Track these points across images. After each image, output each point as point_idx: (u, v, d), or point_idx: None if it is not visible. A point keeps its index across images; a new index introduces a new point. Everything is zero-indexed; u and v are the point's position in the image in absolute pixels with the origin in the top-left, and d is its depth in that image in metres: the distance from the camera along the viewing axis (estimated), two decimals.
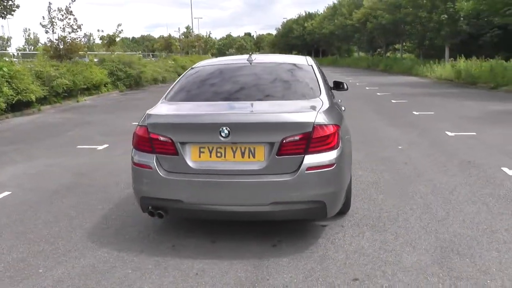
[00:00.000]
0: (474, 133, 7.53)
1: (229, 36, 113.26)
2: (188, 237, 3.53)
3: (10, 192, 4.89)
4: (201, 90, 3.69)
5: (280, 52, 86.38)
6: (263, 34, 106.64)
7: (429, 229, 3.61)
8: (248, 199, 3.04)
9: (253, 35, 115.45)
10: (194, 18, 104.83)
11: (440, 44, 27.84)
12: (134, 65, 19.37)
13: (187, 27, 43.06)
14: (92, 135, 8.43)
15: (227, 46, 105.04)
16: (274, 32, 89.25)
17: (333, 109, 3.39)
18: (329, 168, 3.05)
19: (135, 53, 29.83)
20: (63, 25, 16.66)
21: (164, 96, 3.82)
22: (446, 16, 23.92)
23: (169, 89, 3.91)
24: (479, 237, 3.45)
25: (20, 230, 3.83)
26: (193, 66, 4.25)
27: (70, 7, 16.91)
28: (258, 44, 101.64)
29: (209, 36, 52.69)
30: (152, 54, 31.01)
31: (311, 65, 4.05)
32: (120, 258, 3.22)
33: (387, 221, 3.79)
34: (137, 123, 3.40)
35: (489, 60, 17.81)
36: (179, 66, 29.16)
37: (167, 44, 32.28)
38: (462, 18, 24.01)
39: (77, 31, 17.13)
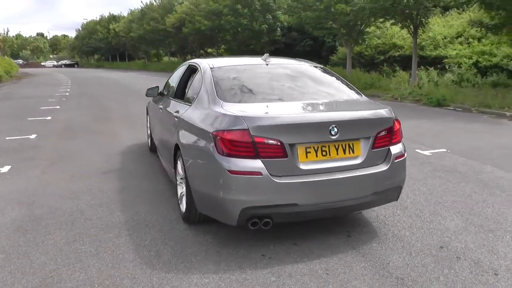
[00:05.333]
0: None
1: (19, 36, 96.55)
2: (263, 244, 3.36)
3: None
4: (254, 90, 3.54)
5: (81, 56, 79.93)
6: (58, 36, 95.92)
7: (447, 205, 4.27)
8: (356, 193, 3.18)
9: (46, 36, 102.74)
10: None
11: (259, 50, 31.03)
12: None
13: None
14: None
15: (20, 47, 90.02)
16: (68, 33, 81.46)
17: None
18: (404, 157, 3.46)
19: None
20: None
21: (211, 97, 3.47)
22: (266, 26, 26.92)
23: (210, 89, 3.56)
24: (464, 198, 4.38)
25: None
26: (212, 67, 3.94)
27: None
28: (54, 46, 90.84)
29: (7, 34, 43.61)
30: None
31: (325, 68, 4.33)
32: (227, 279, 2.88)
33: (410, 203, 4.30)
34: (219, 128, 3.04)
35: None
36: None
37: None
38: (279, 29, 27.53)
39: None
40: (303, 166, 3.03)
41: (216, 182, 3.06)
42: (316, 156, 3.08)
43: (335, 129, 3.05)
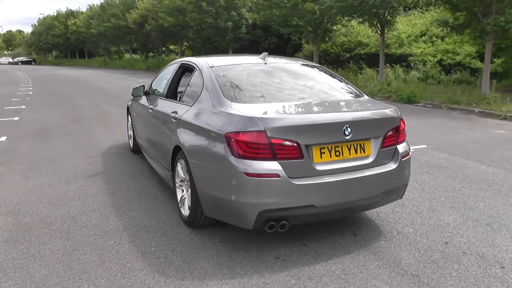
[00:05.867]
0: None
1: None
2: (274, 247, 3.32)
3: None
4: (259, 90, 3.48)
5: (38, 53, 76.43)
6: (12, 31, 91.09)
7: (442, 200, 4.46)
8: (369, 192, 3.19)
9: None
10: None
11: (223, 47, 30.84)
12: None
13: None
14: None
15: None
16: (23, 28, 77.67)
17: None
18: (409, 156, 3.52)
19: None
20: None
21: (216, 97, 3.38)
22: (232, 24, 26.75)
23: (215, 89, 3.47)
24: (455, 193, 4.54)
25: None
26: (212, 66, 3.83)
27: None
28: (9, 42, 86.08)
29: None
30: None
31: (322, 67, 4.33)
32: (247, 284, 2.80)
33: (406, 200, 4.38)
34: (233, 130, 2.96)
35: None
36: None
37: None
38: (244, 27, 27.45)
39: None
40: (318, 167, 3.01)
41: (229, 185, 2.98)
42: (330, 156, 3.06)
43: (349, 129, 3.05)
